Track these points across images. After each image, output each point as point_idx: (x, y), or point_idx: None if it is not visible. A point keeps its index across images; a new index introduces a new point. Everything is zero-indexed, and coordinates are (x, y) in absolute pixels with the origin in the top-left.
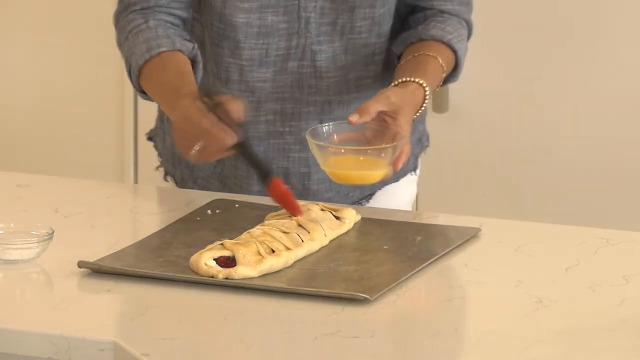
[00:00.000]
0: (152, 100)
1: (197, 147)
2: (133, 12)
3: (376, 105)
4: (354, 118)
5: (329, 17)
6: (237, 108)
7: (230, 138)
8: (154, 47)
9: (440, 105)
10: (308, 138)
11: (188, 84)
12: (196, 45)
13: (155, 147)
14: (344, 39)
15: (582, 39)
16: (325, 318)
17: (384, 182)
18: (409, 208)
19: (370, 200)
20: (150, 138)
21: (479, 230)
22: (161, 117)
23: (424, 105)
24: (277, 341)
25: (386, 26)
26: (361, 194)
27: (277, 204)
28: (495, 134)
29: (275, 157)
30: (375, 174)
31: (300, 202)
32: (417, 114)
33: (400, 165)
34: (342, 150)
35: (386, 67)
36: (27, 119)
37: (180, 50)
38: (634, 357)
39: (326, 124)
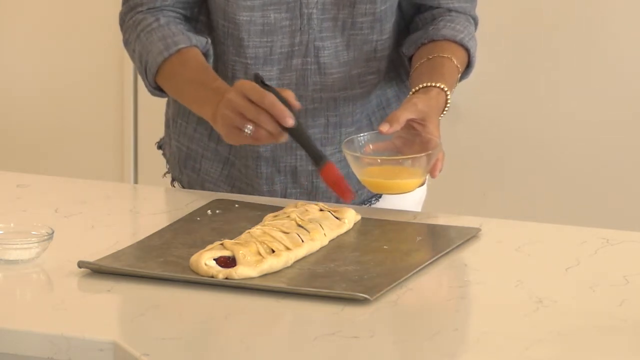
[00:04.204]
0: (165, 97)
1: (250, 127)
2: (140, 12)
3: (405, 114)
4: (385, 127)
5: (330, 13)
6: (291, 95)
7: (291, 119)
8: (171, 44)
9: None
10: (344, 149)
11: (214, 77)
12: (209, 39)
13: (164, 154)
14: (346, 35)
15: (582, 39)
16: (325, 318)
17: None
18: (418, 208)
19: (380, 200)
20: (160, 147)
21: (479, 230)
22: (167, 125)
23: (446, 109)
24: (277, 341)
25: (388, 24)
26: (370, 194)
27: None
28: (495, 134)
29: (282, 155)
30: (412, 183)
31: (299, 203)
32: (440, 117)
33: (437, 173)
34: (378, 160)
35: (392, 65)
36: (27, 119)
37: (195, 46)
38: (634, 357)
39: (361, 135)
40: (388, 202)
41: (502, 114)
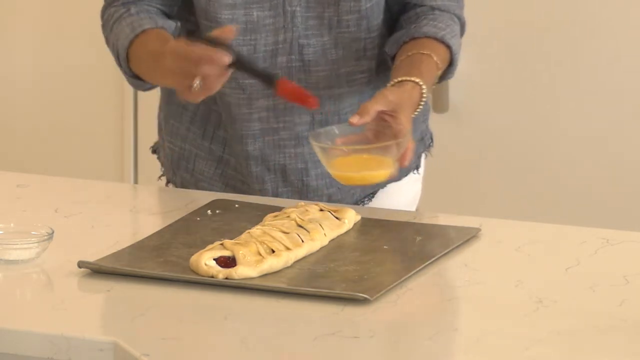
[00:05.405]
0: (144, 86)
1: (197, 81)
2: (115, 6)
3: (375, 106)
4: (355, 119)
5: (315, 11)
6: (224, 31)
7: (226, 56)
8: (137, 27)
9: (440, 105)
10: (310, 141)
11: (166, 40)
12: (179, 24)
13: (158, 158)
14: (333, 33)
15: (582, 38)
16: (325, 318)
17: (386, 181)
18: (412, 207)
19: (373, 199)
20: (154, 151)
21: (479, 230)
22: (160, 127)
23: (421, 103)
24: (277, 341)
25: (375, 21)
26: (363, 192)
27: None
28: (495, 134)
29: (271, 154)
30: (381, 174)
31: (300, 203)
32: (416, 112)
33: (407, 162)
34: (346, 150)
35: (382, 64)
36: (27, 119)
37: (162, 27)
38: (634, 357)
39: (329, 127)
40: (382, 202)
41: (501, 113)
